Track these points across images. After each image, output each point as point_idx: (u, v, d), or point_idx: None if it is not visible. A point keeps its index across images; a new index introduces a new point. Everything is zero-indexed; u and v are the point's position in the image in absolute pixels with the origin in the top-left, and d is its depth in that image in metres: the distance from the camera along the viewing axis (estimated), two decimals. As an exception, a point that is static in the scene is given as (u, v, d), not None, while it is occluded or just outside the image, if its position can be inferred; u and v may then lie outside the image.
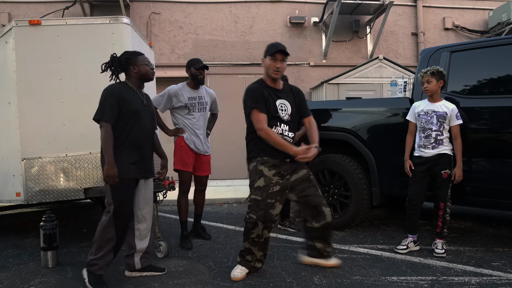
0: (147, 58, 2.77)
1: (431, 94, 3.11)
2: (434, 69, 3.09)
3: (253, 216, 2.60)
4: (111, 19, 3.42)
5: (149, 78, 2.77)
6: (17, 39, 3.32)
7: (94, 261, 2.54)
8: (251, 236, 2.65)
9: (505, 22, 8.04)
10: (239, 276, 2.67)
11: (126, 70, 2.71)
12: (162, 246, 3.22)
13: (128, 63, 2.69)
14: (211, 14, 8.20)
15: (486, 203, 3.19)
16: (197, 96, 3.59)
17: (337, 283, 2.59)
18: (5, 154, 3.56)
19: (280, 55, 2.66)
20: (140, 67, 2.69)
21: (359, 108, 3.85)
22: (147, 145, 2.71)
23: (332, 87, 7.35)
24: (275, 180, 2.63)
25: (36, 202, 3.32)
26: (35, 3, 7.85)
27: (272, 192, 2.61)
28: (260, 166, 2.65)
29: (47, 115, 3.32)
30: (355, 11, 8.07)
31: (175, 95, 3.52)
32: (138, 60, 2.70)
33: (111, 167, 2.45)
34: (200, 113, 3.59)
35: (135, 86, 2.73)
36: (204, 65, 3.52)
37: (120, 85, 2.67)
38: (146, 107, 2.73)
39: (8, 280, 2.80)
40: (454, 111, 3.05)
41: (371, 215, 4.65)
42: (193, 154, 3.56)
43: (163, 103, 3.54)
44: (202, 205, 3.81)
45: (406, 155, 3.26)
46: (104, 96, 2.58)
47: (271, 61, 2.67)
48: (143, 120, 2.66)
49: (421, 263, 2.96)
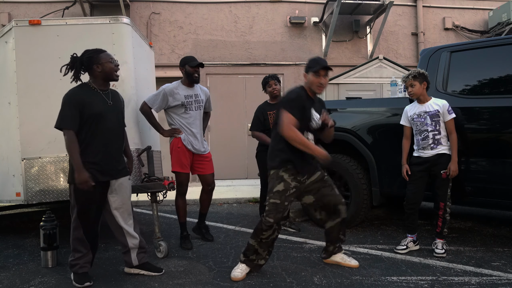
0: (110, 55, 2.65)
1: (416, 97, 3.12)
2: (416, 72, 3.09)
3: (270, 219, 2.63)
4: (111, 19, 3.42)
5: (113, 78, 2.63)
6: (17, 39, 3.32)
7: (74, 261, 2.62)
8: (261, 237, 2.68)
9: (505, 22, 8.04)
10: (239, 276, 2.68)
11: (90, 70, 2.60)
12: (162, 246, 3.22)
13: (91, 62, 2.57)
14: (211, 14, 8.20)
15: (486, 203, 3.19)
16: (193, 94, 3.53)
17: (337, 283, 2.60)
18: (5, 154, 3.56)
19: (324, 71, 2.69)
20: (103, 65, 2.58)
21: (359, 108, 3.85)
22: (115, 146, 2.64)
23: (332, 87, 7.35)
24: (293, 185, 2.69)
25: (36, 202, 3.32)
26: (35, 3, 7.84)
27: (288, 195, 2.68)
28: (282, 173, 2.69)
29: (47, 115, 3.32)
30: (355, 11, 8.07)
31: (171, 94, 3.44)
32: (101, 58, 2.58)
33: (81, 172, 2.43)
34: (197, 111, 3.54)
35: (99, 86, 2.63)
36: (199, 63, 3.45)
37: (80, 88, 2.57)
38: (111, 107, 2.63)
39: (8, 280, 2.80)
40: (445, 106, 3.05)
41: (371, 215, 4.65)
42: (191, 155, 3.54)
43: (158, 102, 3.45)
44: (208, 205, 3.75)
45: (403, 159, 3.26)
46: (63, 102, 2.51)
47: (315, 77, 2.68)
48: (107, 121, 2.58)
49: (421, 263, 2.96)
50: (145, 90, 3.91)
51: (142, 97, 3.69)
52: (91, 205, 2.59)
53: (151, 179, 3.33)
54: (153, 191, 3.26)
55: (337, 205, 2.83)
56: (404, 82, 3.18)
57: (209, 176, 3.64)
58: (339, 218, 2.85)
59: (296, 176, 2.70)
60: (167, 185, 3.25)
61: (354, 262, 2.92)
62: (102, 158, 2.57)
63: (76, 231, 2.58)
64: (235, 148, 7.95)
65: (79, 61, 2.60)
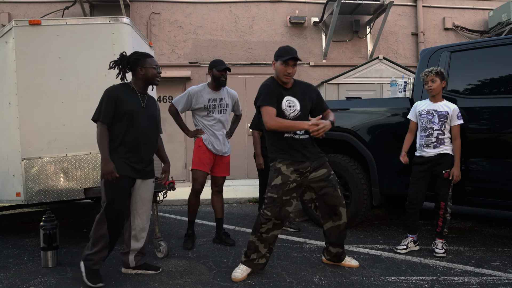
0: (156, 62, 2.77)
1: (435, 94, 3.11)
2: (438, 70, 3.10)
3: (268, 213, 2.64)
4: (111, 19, 3.42)
5: (154, 82, 2.76)
6: (17, 39, 3.32)
7: (90, 256, 2.59)
8: (261, 230, 2.67)
9: (505, 22, 8.04)
10: (240, 277, 2.67)
11: (133, 71, 2.71)
12: (162, 246, 3.22)
13: (136, 64, 2.68)
14: (211, 14, 8.20)
15: (486, 203, 3.19)
16: (217, 97, 3.56)
17: (337, 283, 2.59)
18: (5, 154, 3.56)
19: (293, 61, 2.68)
20: (147, 70, 2.69)
21: (359, 108, 3.85)
22: (145, 147, 2.70)
23: (332, 87, 7.35)
24: (293, 177, 2.65)
25: (36, 202, 3.32)
26: (35, 3, 7.84)
27: (288, 189, 2.64)
28: (278, 164, 2.67)
29: (47, 115, 3.32)
30: (355, 11, 8.07)
31: (195, 96, 3.51)
32: (146, 62, 2.69)
33: (106, 163, 2.50)
34: (220, 115, 3.57)
35: (138, 88, 2.73)
36: (226, 67, 3.49)
37: (120, 86, 2.69)
38: (144, 109, 2.71)
39: (8, 280, 2.80)
40: (455, 111, 3.05)
41: (371, 215, 4.65)
42: (212, 155, 3.53)
43: (183, 103, 3.53)
44: (221, 208, 3.66)
45: (404, 149, 3.26)
46: (102, 97, 2.62)
47: (283, 65, 2.67)
48: (139, 121, 2.65)
49: (421, 263, 2.96)
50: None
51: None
52: (120, 199, 2.60)
53: (151, 179, 3.33)
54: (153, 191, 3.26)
55: (338, 206, 2.79)
56: (425, 76, 3.13)
57: (220, 178, 3.63)
58: (340, 221, 2.81)
59: (297, 168, 2.65)
60: (167, 185, 3.25)
61: (354, 262, 2.92)
62: (133, 156, 2.64)
63: (100, 225, 2.58)
64: (235, 148, 7.94)
65: (127, 60, 2.69)
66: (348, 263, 2.91)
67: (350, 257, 2.97)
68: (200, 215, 4.84)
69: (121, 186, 2.59)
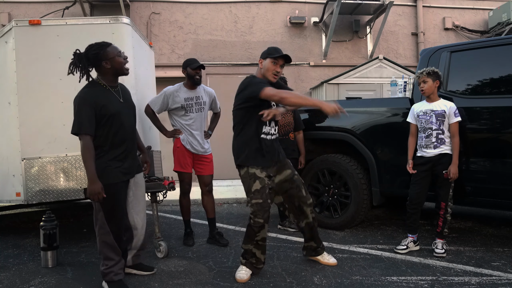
0: (117, 47, 2.49)
1: (427, 94, 3.13)
2: (430, 70, 3.10)
3: (259, 220, 2.59)
4: (111, 19, 3.42)
5: (123, 73, 2.49)
6: (17, 39, 3.32)
7: (107, 269, 2.49)
8: (256, 239, 2.65)
9: (505, 22, 8.04)
10: (245, 277, 2.65)
11: (98, 67, 2.44)
12: (162, 246, 3.22)
13: (98, 58, 2.40)
14: (211, 14, 8.20)
15: (486, 203, 3.19)
16: (194, 96, 3.54)
17: (337, 283, 2.59)
18: (5, 154, 3.56)
19: (282, 61, 2.67)
20: (112, 60, 2.42)
21: (359, 108, 3.85)
22: (130, 142, 2.56)
23: (332, 87, 7.35)
24: (266, 181, 2.67)
25: (36, 202, 3.32)
26: (35, 3, 7.84)
27: (268, 193, 2.65)
28: (252, 169, 2.66)
29: (47, 115, 3.32)
30: (355, 11, 8.07)
31: (171, 96, 3.49)
32: (108, 53, 2.41)
33: (93, 183, 2.29)
34: (198, 113, 3.56)
35: (109, 83, 2.48)
36: (200, 65, 3.47)
37: (91, 88, 2.41)
38: (123, 104, 2.52)
39: (8, 280, 2.80)
40: (452, 108, 3.06)
41: (371, 215, 4.65)
42: (191, 155, 3.55)
43: (159, 104, 3.50)
44: (213, 208, 3.66)
45: (409, 155, 3.26)
46: (78, 106, 2.33)
47: (272, 64, 2.66)
48: (123, 119, 2.48)
49: (421, 263, 2.96)
50: (145, 90, 3.91)
51: (142, 97, 3.69)
52: (119, 207, 2.47)
53: (151, 179, 3.33)
54: (153, 191, 3.27)
55: (301, 206, 2.82)
56: (417, 78, 3.18)
57: (207, 177, 3.64)
58: (308, 219, 2.85)
59: (266, 172, 2.68)
60: (167, 185, 3.25)
61: (332, 260, 2.94)
62: (124, 157, 2.49)
63: (105, 237, 2.44)
64: (235, 148, 7.94)
65: (85, 57, 2.42)
66: (326, 261, 2.94)
67: (330, 255, 3.00)
68: (201, 216, 4.84)
69: (119, 193, 2.45)
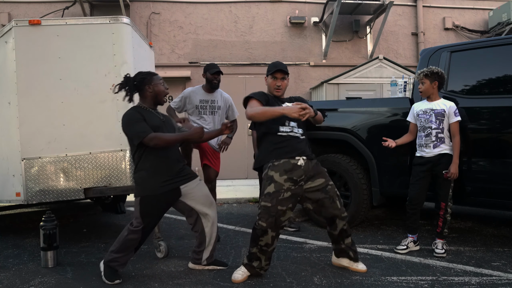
0: (161, 78, 2.80)
1: (426, 95, 3.14)
2: (428, 71, 3.10)
3: (263, 223, 2.54)
4: (111, 19, 3.42)
5: (162, 100, 2.77)
6: (17, 39, 3.32)
7: (116, 258, 2.64)
8: (260, 243, 2.60)
9: (505, 22, 8.04)
10: (240, 278, 2.65)
11: (141, 90, 2.73)
12: (162, 246, 3.22)
13: (143, 83, 2.70)
14: (211, 14, 8.20)
15: (486, 203, 3.19)
16: (209, 99, 3.71)
17: (337, 283, 2.59)
18: (5, 154, 3.56)
19: (280, 74, 2.80)
20: (155, 87, 2.72)
21: (359, 108, 3.85)
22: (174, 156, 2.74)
23: (332, 87, 7.35)
24: (286, 186, 2.56)
25: (36, 202, 3.32)
26: (35, 3, 7.85)
27: (282, 199, 2.54)
28: (271, 172, 2.61)
29: (47, 115, 3.32)
30: (355, 11, 8.07)
31: (188, 97, 3.69)
32: (153, 79, 2.72)
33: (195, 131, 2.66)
34: (212, 116, 3.72)
35: (149, 106, 2.76)
36: (218, 70, 3.65)
37: (135, 109, 2.68)
38: (164, 122, 2.77)
39: (8, 280, 2.80)
40: (452, 108, 3.06)
41: (371, 215, 4.65)
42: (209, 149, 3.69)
43: (177, 102, 3.75)
44: None
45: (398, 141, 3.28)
46: (128, 122, 2.60)
47: (272, 79, 2.82)
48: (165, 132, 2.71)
49: (421, 263, 2.96)
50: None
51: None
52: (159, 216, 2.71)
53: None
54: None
55: (335, 218, 2.70)
56: (416, 78, 3.20)
57: (213, 171, 3.71)
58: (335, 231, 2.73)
59: (291, 176, 2.58)
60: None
61: (361, 267, 2.80)
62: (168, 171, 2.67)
63: (133, 235, 2.62)
64: (235, 148, 7.94)
65: (132, 81, 2.71)
66: (355, 267, 2.80)
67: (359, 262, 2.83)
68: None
69: (159, 204, 2.65)
